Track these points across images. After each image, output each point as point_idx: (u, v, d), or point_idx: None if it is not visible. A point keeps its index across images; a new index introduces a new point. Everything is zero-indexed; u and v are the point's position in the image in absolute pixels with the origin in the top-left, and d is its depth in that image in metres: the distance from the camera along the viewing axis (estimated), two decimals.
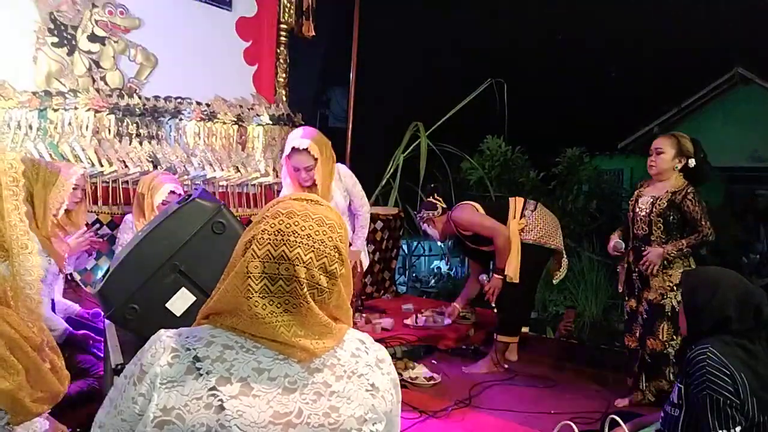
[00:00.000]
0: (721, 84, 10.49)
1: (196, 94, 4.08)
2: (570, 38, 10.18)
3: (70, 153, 3.44)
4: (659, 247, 2.94)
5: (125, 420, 0.97)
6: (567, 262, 3.81)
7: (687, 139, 3.01)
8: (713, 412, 1.70)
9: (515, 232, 3.58)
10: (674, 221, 2.94)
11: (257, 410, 0.93)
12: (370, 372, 1.04)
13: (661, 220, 2.95)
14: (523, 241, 3.56)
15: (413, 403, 2.93)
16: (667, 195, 2.95)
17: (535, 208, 3.70)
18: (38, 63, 3.44)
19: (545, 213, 3.71)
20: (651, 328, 2.97)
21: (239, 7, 4.35)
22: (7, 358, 1.14)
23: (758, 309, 1.82)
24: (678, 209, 2.92)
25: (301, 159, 2.98)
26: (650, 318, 2.98)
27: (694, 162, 2.96)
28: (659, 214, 2.96)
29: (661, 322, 2.94)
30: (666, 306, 2.94)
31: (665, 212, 2.94)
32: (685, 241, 2.90)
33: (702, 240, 2.90)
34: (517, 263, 3.55)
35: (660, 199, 2.97)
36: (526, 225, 3.61)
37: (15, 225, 1.20)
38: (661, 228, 2.96)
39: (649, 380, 3.01)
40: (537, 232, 3.62)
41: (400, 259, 6.03)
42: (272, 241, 0.97)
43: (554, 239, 3.64)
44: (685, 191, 2.92)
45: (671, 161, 2.97)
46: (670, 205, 2.94)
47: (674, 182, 2.97)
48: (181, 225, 1.77)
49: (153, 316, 1.70)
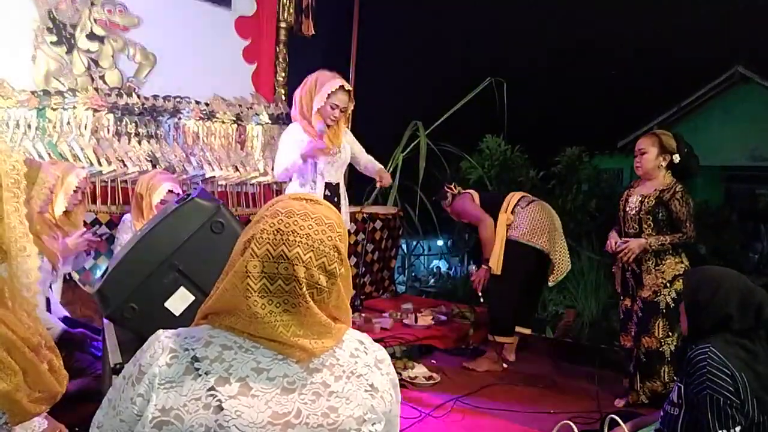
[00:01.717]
0: (720, 83, 10.48)
1: (195, 93, 4.07)
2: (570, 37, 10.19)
3: (69, 152, 3.44)
4: (642, 239, 2.99)
5: (124, 420, 0.97)
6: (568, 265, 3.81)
7: (669, 136, 3.05)
8: (713, 411, 1.70)
9: (502, 224, 3.67)
10: (663, 219, 2.98)
11: (256, 410, 0.93)
12: (369, 372, 1.03)
13: (650, 217, 3.00)
14: (509, 238, 3.61)
15: (413, 402, 2.92)
16: (656, 193, 3.00)
17: (528, 204, 3.73)
18: (37, 62, 3.43)
19: (536, 211, 3.72)
20: (646, 326, 2.99)
21: (238, 5, 4.34)
22: (4, 359, 1.14)
23: (760, 309, 1.81)
24: (666, 207, 2.97)
25: (344, 98, 3.16)
26: (645, 316, 3.00)
27: (678, 157, 3.00)
28: (648, 212, 3.00)
29: (656, 320, 2.96)
30: (660, 303, 2.96)
31: (653, 210, 2.99)
32: (668, 238, 2.96)
33: (683, 240, 2.95)
34: (499, 256, 3.63)
35: (648, 197, 3.01)
36: (514, 221, 3.67)
37: (14, 227, 1.20)
38: (651, 225, 3.01)
39: (643, 381, 3.01)
40: (522, 229, 3.68)
41: (399, 259, 6.02)
42: (271, 241, 0.97)
43: (540, 239, 3.65)
44: (674, 189, 2.97)
45: (655, 160, 3.02)
46: (657, 203, 2.99)
47: (662, 180, 3.03)
48: (179, 224, 1.77)
49: (152, 315, 1.70)
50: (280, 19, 4.62)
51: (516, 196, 3.78)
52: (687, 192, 2.99)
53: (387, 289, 5.23)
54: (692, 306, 1.93)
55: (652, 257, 2.99)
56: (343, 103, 3.17)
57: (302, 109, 3.20)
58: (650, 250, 2.97)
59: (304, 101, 3.18)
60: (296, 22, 4.71)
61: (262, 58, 4.50)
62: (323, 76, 3.17)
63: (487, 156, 6.57)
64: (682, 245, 2.99)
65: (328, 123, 3.17)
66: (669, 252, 2.98)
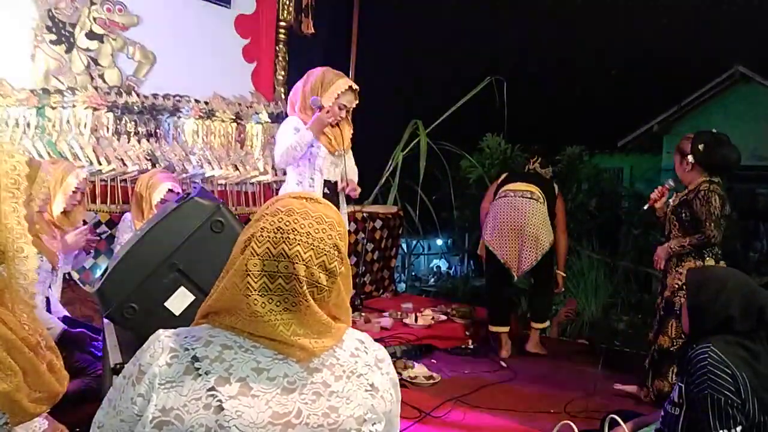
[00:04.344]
0: (721, 82, 10.46)
1: (195, 91, 4.06)
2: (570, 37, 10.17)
3: (69, 151, 3.43)
4: (666, 244, 3.03)
5: (124, 420, 0.97)
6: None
7: (686, 139, 3.07)
8: (714, 411, 1.69)
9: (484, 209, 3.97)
10: (687, 219, 2.97)
11: (256, 410, 0.93)
12: (369, 372, 1.03)
13: (675, 218, 3.02)
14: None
15: (413, 402, 2.92)
16: (683, 193, 3.01)
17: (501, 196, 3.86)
18: (36, 60, 3.42)
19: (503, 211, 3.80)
20: (663, 325, 3.03)
21: (238, 4, 4.34)
22: (4, 360, 1.13)
23: (762, 311, 1.81)
24: (689, 207, 2.95)
25: (351, 98, 3.16)
26: (664, 315, 3.04)
27: (692, 158, 2.98)
28: (673, 212, 3.03)
29: (671, 320, 2.98)
30: (676, 304, 2.96)
31: (677, 210, 3.00)
32: (688, 239, 2.93)
33: (703, 241, 2.90)
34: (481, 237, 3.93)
35: (675, 199, 3.05)
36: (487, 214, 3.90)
37: (12, 228, 1.19)
38: (676, 226, 3.03)
39: (653, 379, 3.02)
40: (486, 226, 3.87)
41: (399, 258, 6.01)
42: (271, 239, 0.97)
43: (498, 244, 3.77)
44: (698, 190, 2.94)
45: (680, 166, 3.06)
46: (682, 203, 2.99)
47: (695, 182, 3.01)
48: (179, 224, 1.76)
49: (152, 315, 1.69)
50: (280, 17, 4.61)
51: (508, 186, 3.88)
52: (713, 191, 2.89)
53: (387, 288, 5.22)
54: (694, 306, 1.93)
55: (674, 258, 3.01)
56: (351, 104, 3.17)
57: (303, 104, 3.14)
58: (672, 253, 2.99)
59: (307, 97, 3.12)
60: (296, 20, 4.70)
61: (262, 57, 4.50)
62: (329, 73, 3.12)
63: (488, 155, 6.57)
64: (702, 246, 2.92)
65: (332, 123, 3.14)
66: (691, 254, 2.95)
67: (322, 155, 3.12)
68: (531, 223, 3.71)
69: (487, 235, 3.85)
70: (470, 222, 6.71)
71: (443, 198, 6.61)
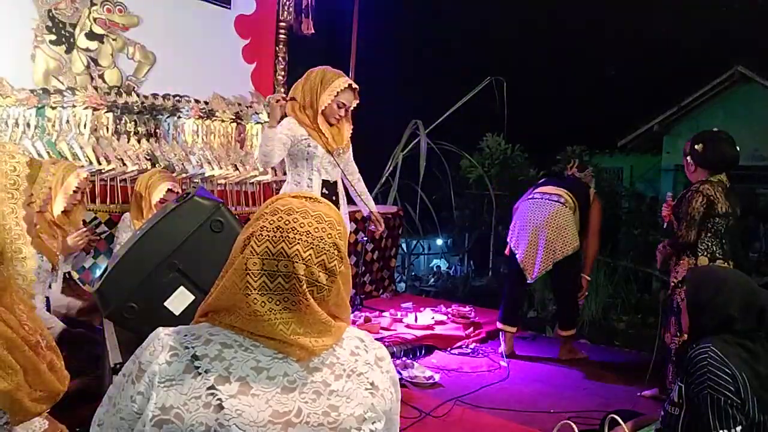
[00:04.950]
0: (721, 82, 10.46)
1: (195, 91, 4.07)
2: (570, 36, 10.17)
3: (68, 151, 3.43)
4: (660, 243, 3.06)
5: (124, 418, 0.97)
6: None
7: (687, 142, 3.06)
8: (714, 411, 1.69)
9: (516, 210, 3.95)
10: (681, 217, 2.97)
11: (256, 409, 0.93)
12: (369, 370, 1.03)
13: (674, 216, 3.03)
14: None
15: (412, 402, 2.91)
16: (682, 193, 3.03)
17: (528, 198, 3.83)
18: (36, 61, 3.42)
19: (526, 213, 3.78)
20: (666, 322, 3.04)
21: (238, 4, 4.34)
22: (5, 358, 1.13)
23: (762, 310, 1.80)
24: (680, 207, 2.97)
25: (350, 96, 3.13)
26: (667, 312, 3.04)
27: (690, 158, 2.99)
28: (672, 211, 3.05)
29: (670, 317, 2.98)
30: (674, 302, 2.96)
31: (674, 209, 3.02)
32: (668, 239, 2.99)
33: (676, 241, 2.93)
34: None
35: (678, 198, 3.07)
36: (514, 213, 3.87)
37: (10, 229, 1.19)
38: (675, 224, 3.02)
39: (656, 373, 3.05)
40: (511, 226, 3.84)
41: (399, 258, 6.02)
42: (271, 238, 0.97)
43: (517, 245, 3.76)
44: (691, 189, 2.94)
45: (687, 168, 3.07)
46: (678, 202, 3.00)
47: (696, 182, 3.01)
48: (179, 223, 1.77)
49: (151, 314, 1.69)
50: (280, 18, 4.62)
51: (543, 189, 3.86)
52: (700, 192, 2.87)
53: (387, 288, 5.22)
54: (694, 305, 1.92)
55: (675, 257, 3.01)
56: (350, 102, 3.14)
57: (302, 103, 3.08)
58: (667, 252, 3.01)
59: (306, 96, 3.08)
60: (296, 21, 4.70)
61: (262, 57, 4.50)
62: (329, 73, 3.10)
63: (488, 155, 6.58)
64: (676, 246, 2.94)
65: (331, 122, 3.13)
66: (687, 253, 2.94)
67: (319, 155, 3.06)
68: (551, 226, 3.67)
69: (509, 234, 3.85)
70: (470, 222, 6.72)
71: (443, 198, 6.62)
